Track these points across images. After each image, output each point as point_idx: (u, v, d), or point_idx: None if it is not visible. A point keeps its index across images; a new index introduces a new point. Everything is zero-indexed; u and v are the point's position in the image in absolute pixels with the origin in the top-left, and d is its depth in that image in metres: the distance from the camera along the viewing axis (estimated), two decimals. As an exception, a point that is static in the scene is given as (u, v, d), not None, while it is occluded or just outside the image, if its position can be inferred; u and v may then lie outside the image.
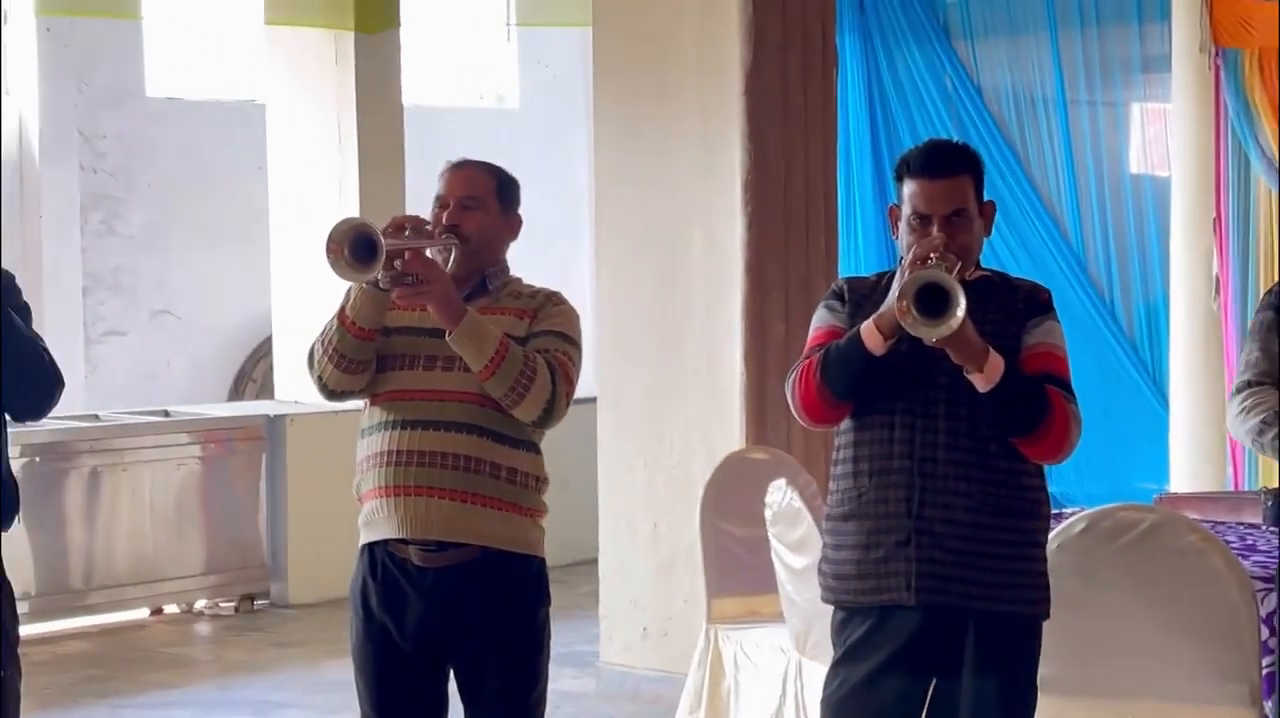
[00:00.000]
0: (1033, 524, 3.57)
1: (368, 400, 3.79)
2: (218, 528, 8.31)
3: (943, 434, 3.52)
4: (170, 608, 8.29)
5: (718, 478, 5.49)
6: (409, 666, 3.77)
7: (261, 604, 8.38)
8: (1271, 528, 4.98)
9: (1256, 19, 7.94)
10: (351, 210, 8.44)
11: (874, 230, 9.38)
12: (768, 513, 4.89)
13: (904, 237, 3.62)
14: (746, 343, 6.18)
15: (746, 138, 6.12)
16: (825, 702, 3.62)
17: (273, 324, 9.00)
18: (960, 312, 3.32)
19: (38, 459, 7.55)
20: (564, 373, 3.69)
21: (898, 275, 3.54)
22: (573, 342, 3.77)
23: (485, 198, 3.78)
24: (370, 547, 3.77)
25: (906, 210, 3.61)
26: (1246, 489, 7.64)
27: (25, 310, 3.76)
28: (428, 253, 3.70)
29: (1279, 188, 7.94)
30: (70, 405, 8.19)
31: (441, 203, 3.78)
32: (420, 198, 4.23)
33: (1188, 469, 8.05)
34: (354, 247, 3.51)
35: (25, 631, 3.85)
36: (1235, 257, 8.01)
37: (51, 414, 3.88)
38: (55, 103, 10.26)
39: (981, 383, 3.45)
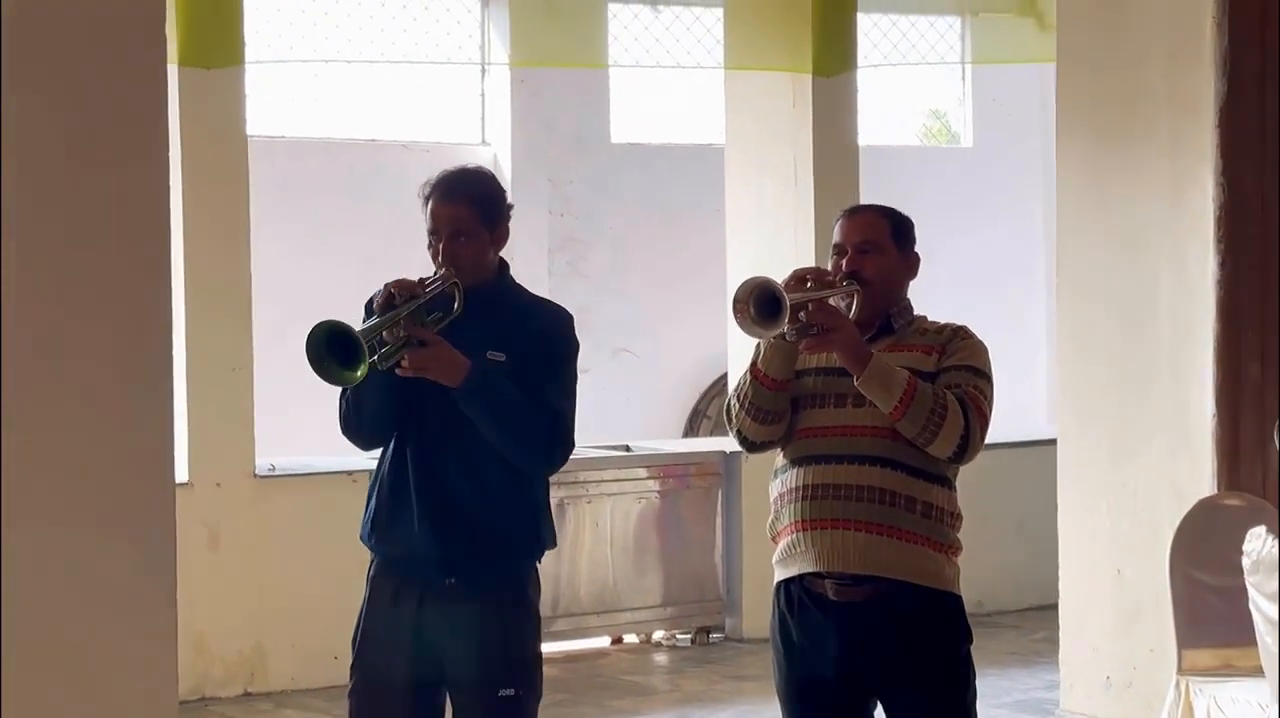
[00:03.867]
0: None
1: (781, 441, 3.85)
2: (675, 561, 8.52)
3: None
4: (629, 638, 8.55)
5: (1189, 524, 5.32)
6: (833, 701, 3.82)
7: (716, 638, 8.54)
8: None
9: None
10: (806, 254, 8.56)
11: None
12: (1246, 561, 4.70)
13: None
14: (1219, 385, 5.96)
15: (1220, 173, 5.92)
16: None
17: (728, 363, 9.18)
18: None
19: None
20: (977, 407, 3.69)
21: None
22: (984, 375, 3.78)
23: (881, 241, 3.84)
24: (786, 583, 3.84)
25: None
26: None
27: (563, 355, 3.95)
28: (831, 301, 3.74)
29: None
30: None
31: (839, 250, 3.85)
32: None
33: None
34: (759, 304, 3.61)
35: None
36: None
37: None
38: (526, 150, 10.78)
39: None
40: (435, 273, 3.85)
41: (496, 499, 3.85)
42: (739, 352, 8.94)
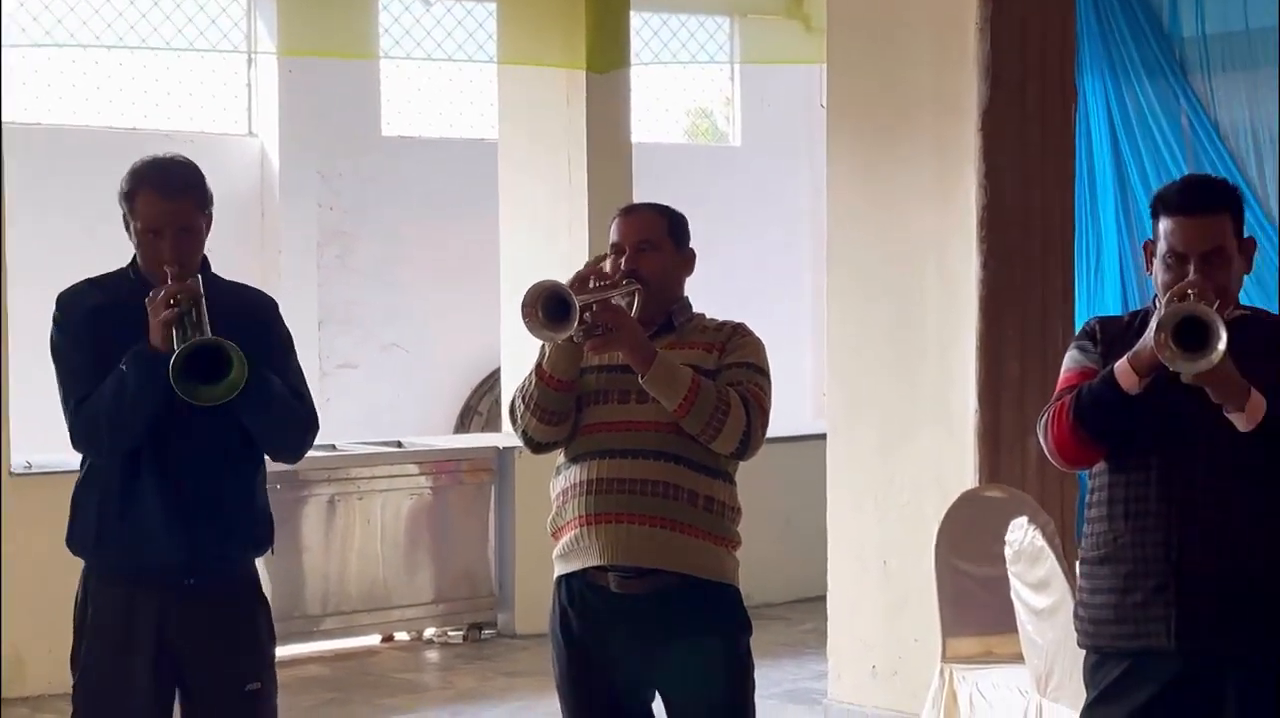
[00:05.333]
0: (1296, 569, 3.50)
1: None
2: (447, 558, 8.48)
3: (1201, 476, 3.46)
4: (400, 635, 8.47)
5: (954, 515, 5.46)
6: (615, 695, 3.84)
7: (489, 634, 8.52)
8: None
9: None
10: (580, 249, 8.58)
11: (1116, 268, 9.22)
12: (1008, 551, 4.85)
13: (1159, 274, 3.57)
14: (981, 381, 6.13)
15: (983, 175, 6.09)
16: (1077, 745, 3.58)
17: (502, 358, 9.16)
18: (1221, 346, 3.27)
19: (278, 487, 7.72)
20: (758, 404, 3.76)
21: (1155, 313, 3.50)
22: (763, 372, 3.84)
23: (659, 239, 3.88)
24: (567, 578, 3.84)
25: (1162, 248, 3.56)
26: None
27: (289, 339, 3.93)
28: (614, 300, 3.77)
29: None
30: (308, 435, 8.42)
31: (617, 249, 3.87)
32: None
33: None
34: (547, 308, 3.61)
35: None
36: None
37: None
38: (295, 141, 10.60)
39: (1243, 422, 3.39)
40: (168, 273, 3.69)
41: (235, 499, 3.82)
42: (512, 348, 8.94)
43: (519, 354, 8.79)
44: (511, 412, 3.87)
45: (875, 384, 6.45)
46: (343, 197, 10.78)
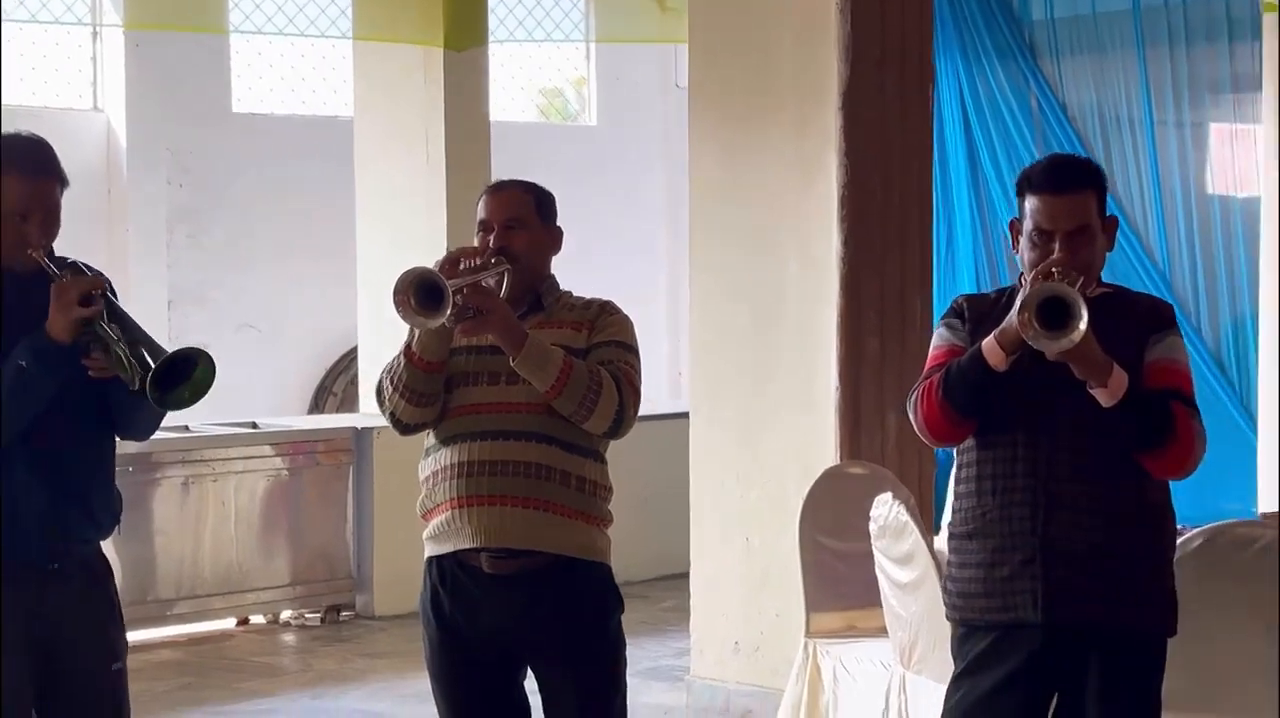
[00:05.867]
0: (1159, 540, 3.58)
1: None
2: (304, 539, 8.39)
3: (1066, 451, 3.53)
4: (256, 619, 8.37)
5: (817, 492, 5.50)
6: (487, 673, 3.83)
7: (347, 616, 8.45)
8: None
9: (1348, 38, 7.91)
10: (439, 227, 8.52)
11: (969, 247, 9.38)
12: (873, 527, 4.90)
13: (1025, 252, 3.63)
14: (841, 359, 6.19)
15: (843, 154, 6.13)
16: (946, 714, 3.63)
17: (359, 338, 9.07)
18: (1082, 324, 3.34)
19: (130, 469, 7.62)
20: (630, 383, 3.76)
21: (1021, 291, 3.55)
22: (633, 350, 3.84)
23: (527, 216, 3.85)
24: (438, 559, 3.82)
25: (1028, 226, 3.61)
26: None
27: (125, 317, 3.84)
28: (484, 281, 3.75)
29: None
30: (160, 417, 8.27)
31: (486, 227, 3.83)
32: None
33: (1276, 490, 7.99)
34: (419, 294, 3.58)
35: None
36: (1327, 276, 7.98)
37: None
38: (142, 117, 10.39)
39: (1105, 398, 3.46)
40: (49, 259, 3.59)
41: (96, 480, 3.74)
42: (369, 327, 8.86)
43: (376, 334, 8.72)
44: (378, 393, 3.83)
45: (737, 363, 6.48)
46: (193, 174, 10.59)
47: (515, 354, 3.66)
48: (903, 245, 6.32)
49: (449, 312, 3.57)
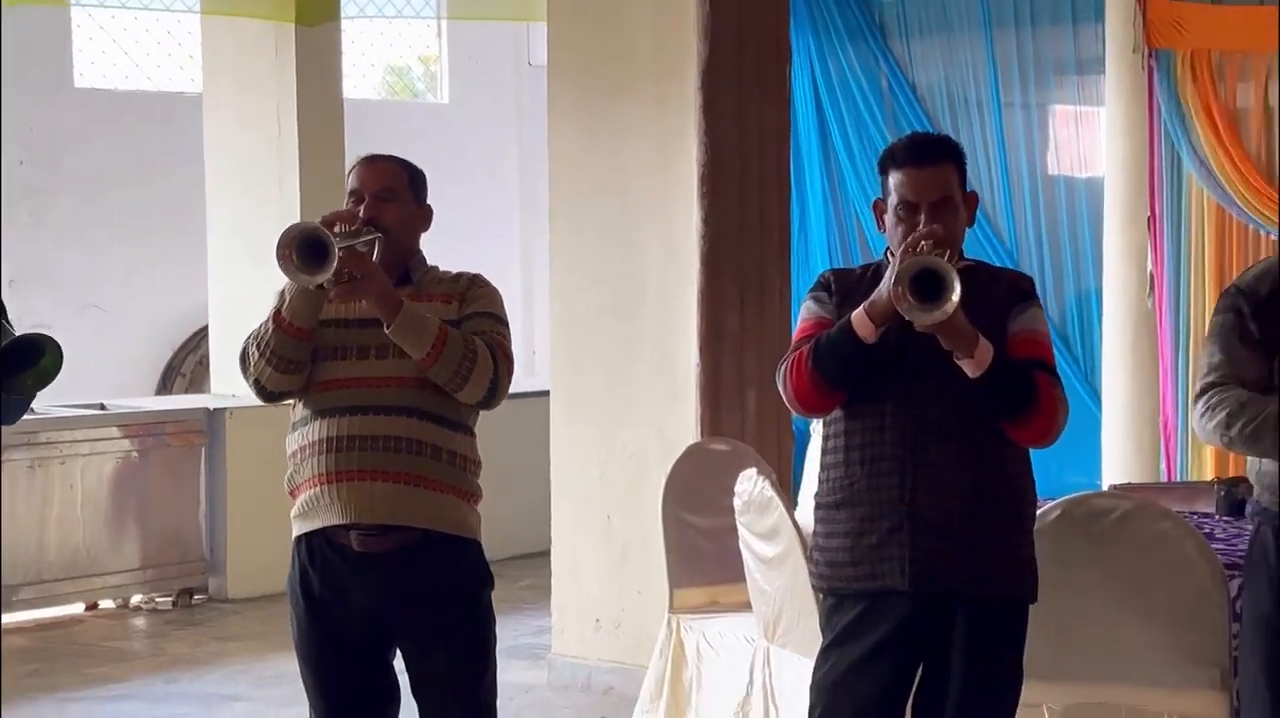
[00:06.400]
0: (1021, 509, 3.65)
1: (299, 393, 3.79)
2: (155, 522, 8.24)
3: (933, 421, 3.58)
4: (106, 603, 8.21)
5: (680, 469, 5.52)
6: (356, 653, 3.79)
7: (200, 599, 8.32)
8: (1225, 517, 5.11)
9: (1188, 21, 8.09)
10: (292, 204, 8.41)
11: (822, 225, 9.46)
12: (737, 502, 4.93)
13: (891, 228, 3.68)
14: (702, 336, 6.23)
15: (703, 133, 6.16)
16: (816, 684, 3.67)
17: (210, 318, 8.93)
18: (955, 297, 3.39)
19: (-28, 453, 7.46)
20: (504, 353, 3.75)
21: (890, 265, 3.60)
22: (504, 321, 3.83)
23: (400, 189, 3.82)
24: (307, 537, 3.77)
25: (893, 201, 3.66)
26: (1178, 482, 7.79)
27: None
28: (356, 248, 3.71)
29: (1210, 187, 8.08)
30: (4, 398, 8.06)
31: (357, 197, 3.79)
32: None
33: (1120, 464, 8.19)
34: (302, 250, 3.53)
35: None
36: (1169, 254, 8.16)
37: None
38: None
39: (972, 368, 3.51)
40: None
41: None
42: (220, 305, 8.72)
43: (227, 312, 8.60)
44: (243, 359, 3.76)
45: (597, 340, 6.49)
46: (34, 150, 10.33)
47: (391, 320, 3.62)
48: (762, 224, 6.37)
49: (332, 269, 3.51)
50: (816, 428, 6.21)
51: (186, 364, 10.75)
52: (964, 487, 3.56)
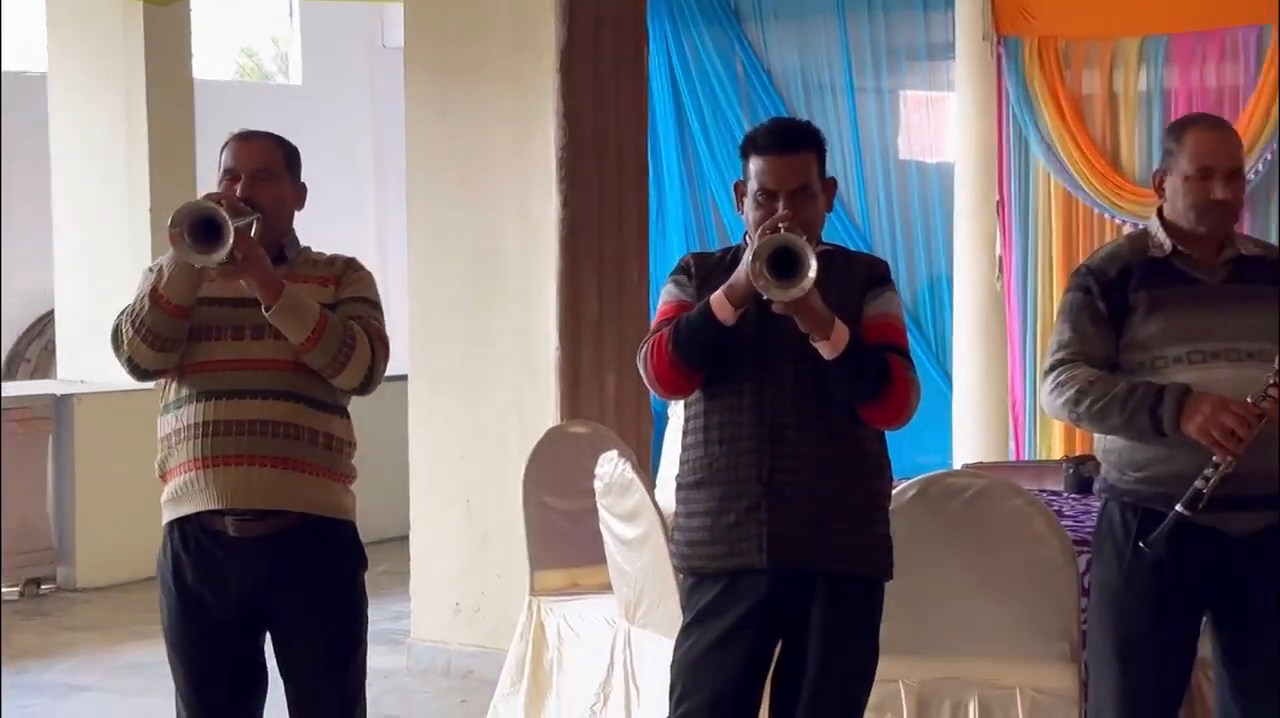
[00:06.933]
0: (877, 488, 3.70)
1: (171, 374, 3.74)
2: (1, 510, 8.06)
3: (790, 401, 3.61)
4: (-51, 594, 8.03)
5: (540, 452, 5.52)
6: (228, 640, 3.75)
7: (48, 588, 8.18)
8: (1074, 494, 5.22)
9: (1036, 8, 8.25)
10: (141, 186, 8.28)
11: (679, 209, 9.50)
12: (598, 484, 4.94)
13: (750, 212, 3.70)
14: (561, 319, 6.23)
15: (562, 115, 6.16)
16: (677, 663, 3.69)
17: (56, 302, 8.76)
18: (812, 273, 3.42)
19: None
20: (380, 339, 3.73)
21: (747, 248, 3.62)
22: (379, 306, 3.82)
23: (275, 168, 3.78)
24: (180, 523, 3.72)
25: (753, 187, 3.69)
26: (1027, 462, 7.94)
27: None
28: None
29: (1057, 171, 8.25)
30: None
31: (233, 175, 3.74)
32: (208, 173, 4.14)
33: (970, 444, 8.33)
34: (194, 230, 3.48)
35: None
36: (1017, 238, 8.31)
37: None
38: None
39: (827, 350, 3.55)
40: None
41: None
42: (67, 290, 8.55)
43: (74, 295, 8.43)
44: (115, 336, 3.69)
45: (456, 324, 6.47)
46: None
47: (272, 303, 3.58)
48: (620, 207, 6.39)
49: (226, 250, 3.46)
50: (675, 411, 6.27)
51: (32, 350, 10.53)
52: (821, 466, 3.60)
